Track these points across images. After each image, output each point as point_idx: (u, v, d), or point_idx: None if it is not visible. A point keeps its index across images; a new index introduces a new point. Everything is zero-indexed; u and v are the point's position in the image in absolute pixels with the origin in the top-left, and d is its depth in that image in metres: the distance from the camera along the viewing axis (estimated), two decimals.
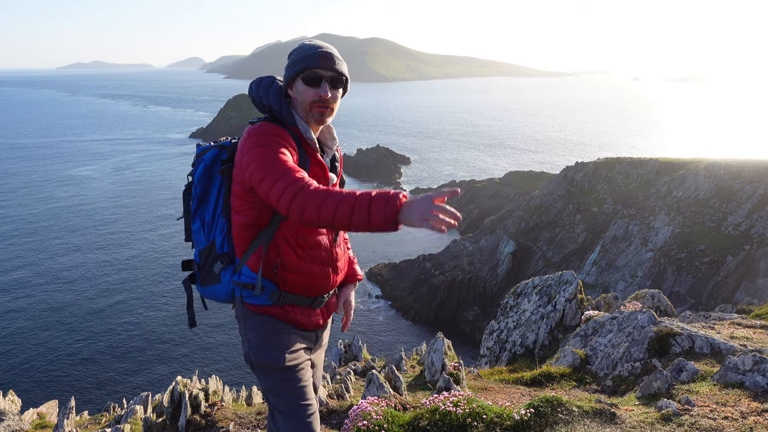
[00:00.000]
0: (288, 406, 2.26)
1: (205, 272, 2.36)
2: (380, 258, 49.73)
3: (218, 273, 2.33)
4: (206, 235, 2.35)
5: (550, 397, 3.63)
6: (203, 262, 2.36)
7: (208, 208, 2.34)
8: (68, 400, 5.68)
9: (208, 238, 2.34)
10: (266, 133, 2.16)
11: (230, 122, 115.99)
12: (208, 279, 2.36)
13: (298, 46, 2.32)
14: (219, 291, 2.36)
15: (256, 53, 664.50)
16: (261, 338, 2.27)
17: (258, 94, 2.33)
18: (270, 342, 2.27)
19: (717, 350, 4.93)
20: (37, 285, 42.82)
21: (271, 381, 2.27)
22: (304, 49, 2.27)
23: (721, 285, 30.66)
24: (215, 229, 2.33)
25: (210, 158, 2.34)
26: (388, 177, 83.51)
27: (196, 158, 2.38)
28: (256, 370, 2.32)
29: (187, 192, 2.40)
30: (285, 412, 2.27)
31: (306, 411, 2.28)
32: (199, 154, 2.38)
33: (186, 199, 2.40)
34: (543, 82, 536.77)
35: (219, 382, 5.29)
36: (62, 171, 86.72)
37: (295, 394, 2.26)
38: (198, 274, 2.39)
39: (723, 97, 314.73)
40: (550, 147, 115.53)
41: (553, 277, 9.27)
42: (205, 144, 2.42)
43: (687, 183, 36.97)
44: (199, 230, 2.36)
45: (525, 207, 46.59)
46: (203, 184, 2.33)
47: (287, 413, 2.26)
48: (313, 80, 2.23)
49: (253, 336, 2.30)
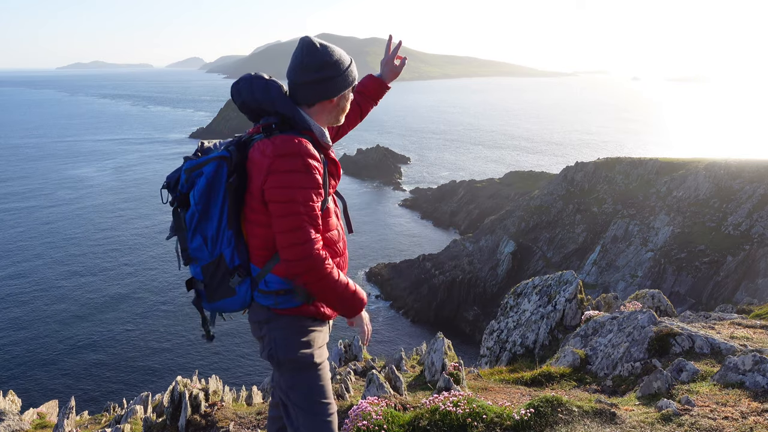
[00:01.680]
0: (312, 403, 2.30)
1: (214, 287, 2.27)
2: (380, 258, 49.71)
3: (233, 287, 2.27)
4: (210, 251, 2.23)
5: (550, 397, 3.63)
6: (209, 279, 2.26)
7: (210, 224, 2.21)
8: (68, 400, 5.68)
9: (212, 253, 2.23)
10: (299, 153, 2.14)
11: (230, 122, 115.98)
12: (219, 293, 2.27)
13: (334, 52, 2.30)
14: (235, 303, 2.29)
15: (256, 53, 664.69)
16: (288, 336, 2.30)
17: (254, 98, 2.25)
18: (297, 339, 2.30)
19: (717, 350, 4.93)
20: (37, 285, 42.81)
21: (297, 378, 2.30)
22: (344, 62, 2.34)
23: (721, 285, 30.65)
24: (221, 244, 2.23)
25: (211, 173, 2.18)
26: (387, 177, 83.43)
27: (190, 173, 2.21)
28: (282, 367, 2.32)
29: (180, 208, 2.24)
30: (308, 410, 2.29)
31: (328, 410, 2.33)
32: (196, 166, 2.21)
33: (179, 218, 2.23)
34: (543, 82, 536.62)
35: (219, 382, 5.29)
36: (62, 171, 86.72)
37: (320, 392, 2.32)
38: (204, 292, 2.29)
39: (723, 97, 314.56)
40: (550, 147, 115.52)
41: (553, 277, 9.27)
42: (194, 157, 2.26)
43: (687, 183, 36.97)
44: (200, 247, 2.23)
45: (525, 207, 46.59)
46: (204, 201, 2.19)
47: (310, 411, 2.29)
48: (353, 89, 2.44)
49: (279, 335, 2.31)
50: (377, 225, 60.36)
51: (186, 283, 2.36)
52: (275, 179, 2.11)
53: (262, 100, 2.25)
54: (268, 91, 2.25)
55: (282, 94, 2.27)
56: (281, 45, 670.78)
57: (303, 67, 2.26)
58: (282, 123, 2.25)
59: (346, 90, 2.36)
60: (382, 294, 43.78)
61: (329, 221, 2.35)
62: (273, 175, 2.12)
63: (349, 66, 2.35)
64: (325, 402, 2.33)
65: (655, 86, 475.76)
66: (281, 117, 2.25)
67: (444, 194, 66.59)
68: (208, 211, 2.21)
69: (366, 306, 2.52)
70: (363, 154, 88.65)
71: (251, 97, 2.25)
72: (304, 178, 2.13)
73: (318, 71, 2.25)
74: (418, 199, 69.33)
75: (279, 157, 2.12)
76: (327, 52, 2.28)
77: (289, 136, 2.18)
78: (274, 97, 2.24)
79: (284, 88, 2.33)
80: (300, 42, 2.31)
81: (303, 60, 2.26)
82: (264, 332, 2.35)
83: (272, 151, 2.13)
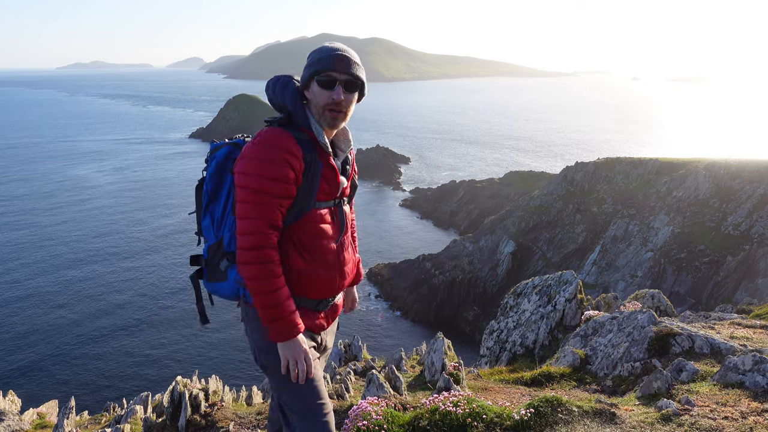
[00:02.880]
0: (303, 405, 2.22)
1: (213, 268, 2.34)
2: (380, 258, 49.70)
3: (224, 270, 2.31)
4: (215, 232, 2.33)
5: (550, 397, 3.63)
6: (211, 258, 2.34)
7: (218, 205, 2.32)
8: (68, 400, 5.68)
9: (217, 234, 2.32)
10: (273, 144, 2.12)
11: (230, 122, 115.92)
12: (215, 275, 2.33)
13: (318, 48, 2.28)
14: (225, 288, 2.33)
15: (256, 53, 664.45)
16: (266, 339, 2.24)
17: (274, 93, 2.31)
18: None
19: (717, 350, 4.93)
20: (36, 285, 42.81)
21: (283, 381, 2.23)
22: (321, 51, 2.24)
23: (721, 285, 30.66)
24: (224, 226, 2.31)
25: (222, 156, 2.32)
26: (387, 177, 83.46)
27: (210, 155, 2.36)
28: (267, 371, 2.30)
29: (199, 188, 2.39)
30: (299, 412, 2.22)
31: (322, 410, 2.24)
32: (212, 150, 2.36)
33: (198, 195, 2.39)
34: (543, 82, 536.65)
35: (219, 382, 5.29)
36: (62, 171, 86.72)
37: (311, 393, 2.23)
38: (206, 270, 2.37)
39: (723, 97, 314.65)
40: (550, 147, 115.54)
41: (553, 277, 9.27)
42: (219, 141, 2.40)
43: (687, 183, 36.97)
44: (209, 227, 2.35)
45: (525, 207, 46.59)
46: (215, 182, 2.32)
47: (302, 413, 2.22)
48: (327, 83, 2.19)
49: (258, 337, 2.29)
50: (377, 225, 60.37)
51: (191, 257, 2.42)
52: (241, 164, 2.14)
53: (278, 97, 2.29)
54: (284, 88, 2.29)
55: (292, 92, 2.27)
56: (281, 45, 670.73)
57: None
58: (288, 119, 2.26)
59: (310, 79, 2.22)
60: (382, 294, 43.79)
61: (315, 227, 2.25)
62: (241, 160, 2.15)
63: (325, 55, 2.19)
64: (319, 402, 2.24)
65: (655, 86, 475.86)
66: (288, 114, 2.26)
67: (444, 194, 66.60)
68: (218, 193, 2.33)
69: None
70: (363, 154, 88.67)
71: (273, 93, 2.31)
72: (268, 168, 2.09)
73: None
74: (418, 199, 69.34)
75: (253, 144, 2.14)
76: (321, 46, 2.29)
77: (277, 128, 2.19)
78: (285, 93, 2.27)
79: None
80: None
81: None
82: (247, 332, 2.35)
83: (257, 135, 2.18)
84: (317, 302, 2.35)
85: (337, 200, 2.35)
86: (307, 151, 2.20)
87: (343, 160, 2.41)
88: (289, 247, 2.23)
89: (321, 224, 2.27)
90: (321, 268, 2.28)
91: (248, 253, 2.09)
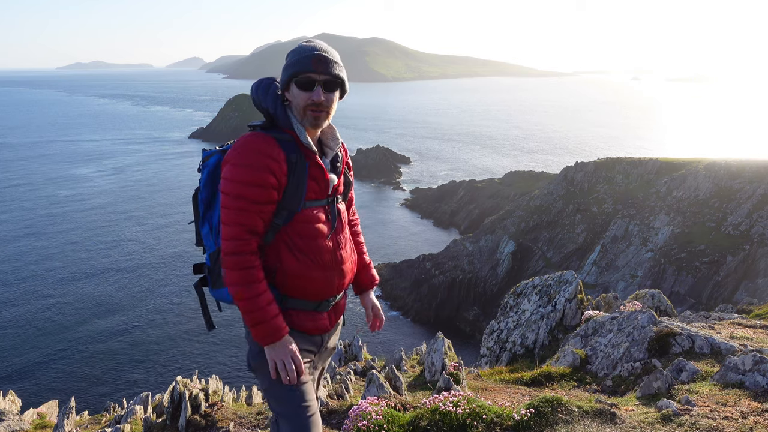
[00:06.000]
0: (286, 407, 2.23)
1: (216, 275, 2.33)
2: (380, 258, 49.71)
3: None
4: (214, 239, 2.31)
5: (550, 397, 3.63)
6: (213, 266, 2.33)
7: (214, 213, 2.31)
8: (68, 400, 5.68)
9: (216, 242, 2.30)
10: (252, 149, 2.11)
11: (230, 122, 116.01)
12: (219, 282, 2.32)
13: (295, 48, 2.25)
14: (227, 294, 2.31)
15: (256, 53, 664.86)
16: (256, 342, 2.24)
17: (257, 95, 2.29)
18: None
19: (717, 350, 4.93)
20: (36, 285, 42.82)
21: (268, 382, 2.24)
22: (298, 52, 2.20)
23: (721, 285, 30.66)
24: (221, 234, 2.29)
25: (213, 164, 2.31)
26: (387, 177, 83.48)
27: (201, 164, 2.35)
28: (256, 372, 2.31)
29: (195, 197, 2.39)
30: (283, 414, 2.24)
31: (305, 413, 2.23)
32: (204, 159, 2.35)
33: (195, 204, 2.39)
34: (543, 82, 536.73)
35: (219, 382, 5.29)
36: (62, 171, 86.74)
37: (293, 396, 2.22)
38: (209, 278, 2.36)
39: (723, 97, 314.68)
40: (550, 147, 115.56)
41: (553, 277, 9.27)
42: (210, 149, 2.39)
43: (687, 183, 36.98)
44: (208, 235, 2.34)
45: (525, 207, 46.60)
46: (209, 189, 2.31)
47: (286, 415, 2.23)
48: (306, 84, 2.16)
49: (250, 340, 2.29)
50: (377, 225, 60.37)
51: (193, 266, 2.42)
52: (224, 170, 2.14)
53: (261, 99, 2.27)
54: (265, 91, 2.27)
55: (274, 94, 2.26)
56: (281, 45, 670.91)
57: None
58: (270, 123, 2.24)
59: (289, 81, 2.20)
60: (382, 294, 43.81)
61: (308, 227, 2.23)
62: (224, 166, 2.15)
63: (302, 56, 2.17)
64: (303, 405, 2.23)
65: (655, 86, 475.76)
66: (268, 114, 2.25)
67: (444, 194, 66.61)
68: (213, 201, 2.32)
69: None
70: (363, 154, 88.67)
71: (257, 96, 2.30)
72: (246, 173, 2.08)
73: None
74: (418, 199, 69.36)
75: (233, 149, 2.13)
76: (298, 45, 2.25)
77: (258, 133, 2.18)
78: (267, 97, 2.26)
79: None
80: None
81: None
82: (246, 334, 2.35)
83: (238, 141, 2.17)
84: (317, 303, 2.34)
85: (329, 199, 2.32)
86: (291, 152, 2.17)
87: (332, 157, 2.39)
88: (283, 250, 2.21)
89: (315, 224, 2.25)
90: (317, 269, 2.27)
91: (228, 258, 2.11)
